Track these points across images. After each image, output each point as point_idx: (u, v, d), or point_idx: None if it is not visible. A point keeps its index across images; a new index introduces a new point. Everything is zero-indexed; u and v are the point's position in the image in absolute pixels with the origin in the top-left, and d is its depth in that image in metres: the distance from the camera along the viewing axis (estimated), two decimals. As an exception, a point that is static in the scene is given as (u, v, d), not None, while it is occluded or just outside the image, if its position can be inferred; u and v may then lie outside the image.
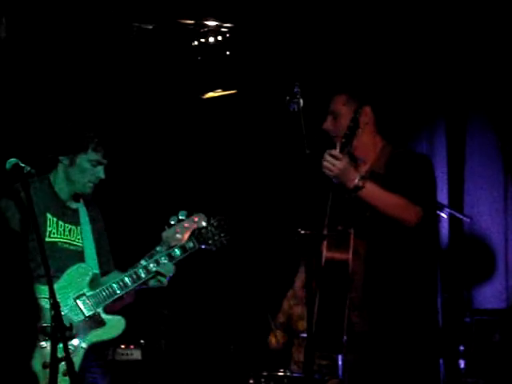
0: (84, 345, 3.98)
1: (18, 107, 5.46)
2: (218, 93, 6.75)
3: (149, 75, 6.45)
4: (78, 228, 4.18)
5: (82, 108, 5.76)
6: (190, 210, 4.23)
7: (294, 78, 3.85)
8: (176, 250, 4.17)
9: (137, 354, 5.82)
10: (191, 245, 4.20)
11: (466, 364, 5.27)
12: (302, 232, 3.70)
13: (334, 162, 3.69)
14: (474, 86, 5.94)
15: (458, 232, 5.87)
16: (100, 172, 4.14)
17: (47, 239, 4.02)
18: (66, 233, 4.12)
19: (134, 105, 6.55)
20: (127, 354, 5.80)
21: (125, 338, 5.76)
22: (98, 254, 4.23)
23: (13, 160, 3.69)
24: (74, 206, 4.21)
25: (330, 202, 3.85)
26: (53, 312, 3.40)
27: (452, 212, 5.31)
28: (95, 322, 4.01)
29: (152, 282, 4.17)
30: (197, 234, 4.22)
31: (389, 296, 3.86)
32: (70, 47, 5.89)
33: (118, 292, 4.07)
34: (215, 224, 4.28)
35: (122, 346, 5.82)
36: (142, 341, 5.83)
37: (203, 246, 4.22)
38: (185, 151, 6.77)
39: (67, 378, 3.58)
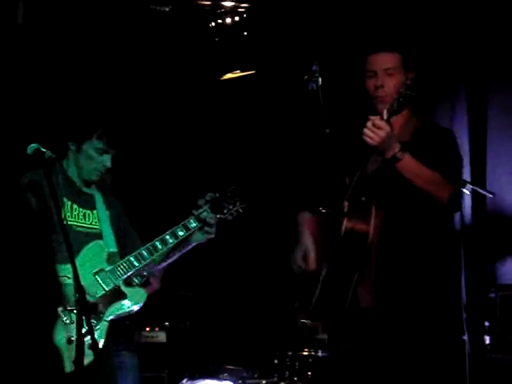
0: (107, 318, 4.02)
1: (30, 93, 5.46)
2: (237, 74, 6.74)
3: (167, 58, 6.44)
4: (94, 212, 4.21)
5: (94, 94, 5.75)
6: (213, 191, 4.25)
7: (312, 57, 3.83)
8: (191, 220, 4.21)
9: (162, 337, 5.84)
10: (205, 214, 4.23)
11: (491, 340, 5.25)
12: (323, 211, 3.68)
13: (376, 132, 3.57)
14: (495, 57, 5.88)
15: (481, 208, 5.84)
16: (106, 161, 4.16)
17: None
18: (81, 217, 4.13)
19: (153, 88, 6.55)
20: (152, 337, 5.83)
21: (150, 320, 5.80)
22: (120, 237, 4.26)
23: (34, 145, 3.69)
24: (88, 191, 4.24)
25: (359, 173, 3.77)
26: (77, 295, 3.42)
27: (475, 188, 5.27)
28: (116, 295, 4.05)
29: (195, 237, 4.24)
30: (211, 204, 4.23)
31: (402, 272, 3.79)
32: (85, 30, 5.89)
33: (136, 264, 4.11)
34: (229, 194, 4.29)
35: (147, 329, 5.84)
36: (166, 323, 5.85)
37: (218, 216, 4.23)
38: (204, 133, 6.76)
39: (91, 351, 3.61)
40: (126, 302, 4.10)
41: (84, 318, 3.39)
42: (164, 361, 5.79)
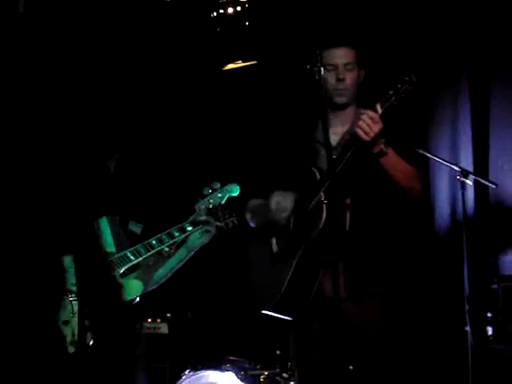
0: None
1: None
2: (238, 64, 6.72)
3: (168, 48, 6.43)
4: None
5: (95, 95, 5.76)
6: (215, 180, 4.27)
7: (314, 47, 3.83)
8: (187, 224, 4.28)
9: (164, 328, 5.84)
10: (202, 218, 4.28)
11: (493, 331, 5.25)
12: (325, 201, 3.68)
13: (372, 126, 3.65)
14: (497, 45, 5.85)
15: (483, 199, 5.82)
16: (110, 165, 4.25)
17: None
18: None
19: (154, 78, 6.53)
20: (154, 328, 5.83)
21: (151, 311, 5.80)
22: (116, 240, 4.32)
23: None
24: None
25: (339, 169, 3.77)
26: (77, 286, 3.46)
27: (477, 179, 5.25)
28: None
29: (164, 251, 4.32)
30: (208, 211, 4.27)
31: (375, 262, 3.88)
32: (85, 21, 5.87)
33: (132, 258, 4.19)
34: (225, 204, 4.33)
35: (149, 320, 5.84)
36: (168, 314, 5.84)
37: (217, 223, 4.28)
38: (206, 124, 6.74)
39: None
40: (123, 293, 4.15)
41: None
42: (166, 352, 5.79)
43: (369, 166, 3.77)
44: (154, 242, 4.25)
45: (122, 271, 4.19)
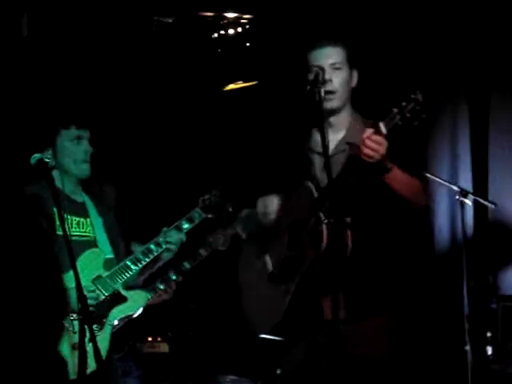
0: (110, 322, 4.07)
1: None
2: (239, 84, 6.74)
3: (169, 68, 6.45)
4: (88, 220, 4.20)
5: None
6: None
7: (302, 51, 3.81)
8: (183, 221, 4.27)
9: (164, 347, 5.82)
10: (197, 215, 4.30)
11: (493, 350, 5.24)
12: (326, 221, 3.61)
13: (377, 149, 3.46)
14: (496, 66, 5.88)
15: (482, 218, 5.83)
16: (84, 146, 4.12)
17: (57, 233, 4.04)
18: (75, 225, 4.13)
19: (155, 98, 6.55)
20: (154, 347, 5.81)
21: (152, 331, 5.79)
22: (113, 244, 4.29)
23: (37, 155, 3.71)
24: (79, 199, 4.23)
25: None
26: (79, 305, 3.43)
27: (476, 199, 5.26)
28: (116, 299, 4.09)
29: (165, 255, 4.28)
30: (201, 205, 4.29)
31: (376, 283, 3.76)
32: (88, 41, 5.90)
33: (133, 267, 4.16)
34: (218, 193, 4.35)
35: (150, 339, 5.83)
36: (169, 333, 5.83)
37: (210, 216, 4.31)
38: (207, 144, 6.76)
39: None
40: (128, 306, 4.12)
41: (87, 327, 3.41)
42: (166, 371, 5.77)
43: (371, 183, 3.62)
44: (152, 246, 4.22)
45: (123, 281, 4.16)
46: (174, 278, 4.69)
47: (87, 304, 3.45)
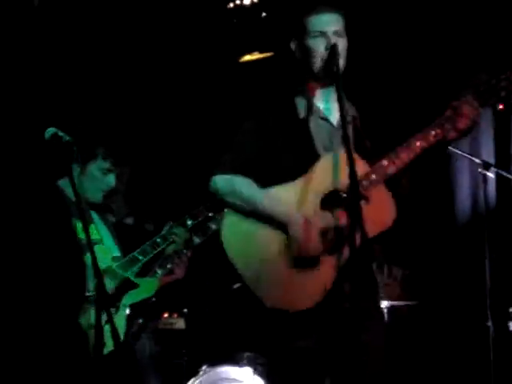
0: (124, 306, 4.17)
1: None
2: (255, 56, 6.68)
3: (185, 40, 6.40)
4: (92, 226, 4.25)
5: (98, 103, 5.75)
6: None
7: (301, 13, 3.64)
8: (187, 218, 4.45)
9: (180, 323, 5.83)
10: (201, 213, 4.35)
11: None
12: (344, 195, 3.51)
13: (476, 121, 3.39)
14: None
15: (505, 191, 5.78)
16: (111, 180, 4.24)
17: None
18: (79, 230, 4.12)
19: (172, 70, 6.52)
20: (171, 324, 5.82)
21: (168, 307, 5.78)
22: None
23: (51, 129, 3.64)
24: (85, 205, 4.28)
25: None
26: (96, 280, 3.39)
27: (499, 171, 5.21)
28: (127, 285, 4.15)
29: (169, 248, 4.45)
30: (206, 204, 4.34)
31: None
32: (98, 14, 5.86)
33: (140, 258, 4.27)
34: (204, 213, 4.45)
35: (166, 316, 5.84)
36: (185, 310, 5.83)
37: (211, 215, 4.38)
38: (223, 115, 6.71)
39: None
40: (139, 292, 4.20)
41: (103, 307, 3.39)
42: (183, 348, 5.77)
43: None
44: (158, 240, 4.36)
45: (135, 270, 4.22)
46: (184, 251, 4.68)
47: (103, 282, 3.42)
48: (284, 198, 3.54)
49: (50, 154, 3.96)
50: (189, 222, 4.42)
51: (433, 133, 3.44)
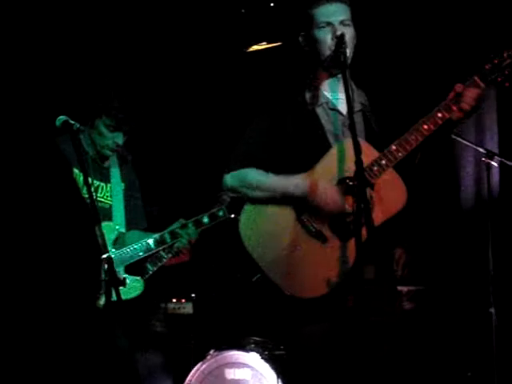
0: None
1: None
2: (263, 46, 6.68)
3: (193, 30, 6.41)
4: (108, 185, 4.26)
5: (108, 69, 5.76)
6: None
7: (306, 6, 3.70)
8: (205, 217, 4.26)
9: (188, 308, 5.84)
10: (221, 213, 4.30)
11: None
12: (350, 183, 3.57)
13: (476, 102, 3.46)
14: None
15: (508, 180, 5.80)
16: (118, 138, 4.26)
17: None
18: (93, 189, 4.15)
19: (180, 61, 6.52)
20: (179, 308, 5.84)
21: (176, 292, 5.82)
22: (129, 211, 4.32)
23: (62, 117, 3.71)
24: (105, 164, 4.29)
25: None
26: (106, 266, 3.45)
27: (502, 160, 5.23)
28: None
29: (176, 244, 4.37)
30: (228, 204, 4.28)
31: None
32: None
33: (141, 254, 4.21)
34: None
35: (174, 300, 5.85)
36: (193, 295, 5.85)
37: (232, 216, 4.30)
38: (230, 105, 6.73)
39: None
40: (123, 291, 4.13)
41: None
42: (191, 332, 5.80)
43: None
44: (166, 235, 4.33)
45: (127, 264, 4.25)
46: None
47: (113, 265, 3.47)
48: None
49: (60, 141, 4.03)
50: (205, 220, 4.38)
51: (439, 115, 3.51)
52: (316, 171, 3.59)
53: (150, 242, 4.31)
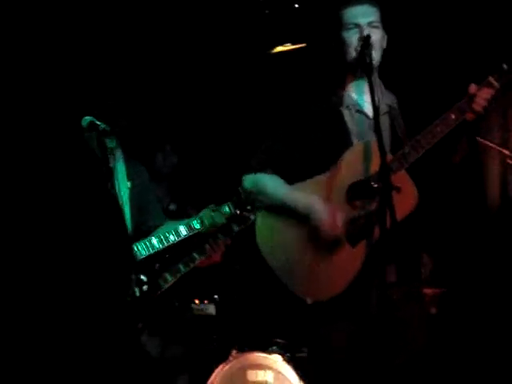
0: None
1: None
2: (287, 47, 6.68)
3: (217, 31, 6.42)
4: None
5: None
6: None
7: (335, 7, 3.69)
8: (226, 206, 4.37)
9: (211, 309, 5.86)
10: (227, 209, 4.33)
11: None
12: (375, 185, 3.55)
13: (488, 104, 3.46)
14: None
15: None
16: (110, 142, 4.19)
17: None
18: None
19: (205, 62, 6.54)
20: (201, 310, 5.85)
21: (199, 293, 5.83)
22: (141, 210, 4.31)
23: (88, 118, 3.73)
24: (111, 163, 4.26)
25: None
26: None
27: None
28: None
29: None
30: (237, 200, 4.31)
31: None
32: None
33: (144, 253, 4.32)
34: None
35: (196, 302, 5.87)
36: (215, 296, 5.87)
37: (238, 212, 4.33)
38: (255, 107, 6.74)
39: None
40: None
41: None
42: (213, 334, 5.81)
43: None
44: (170, 236, 4.34)
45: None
46: (222, 238, 4.70)
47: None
48: (310, 190, 3.62)
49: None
50: (226, 209, 4.40)
51: (452, 116, 3.50)
52: (334, 174, 3.60)
53: (154, 241, 4.33)
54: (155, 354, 4.62)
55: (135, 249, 4.25)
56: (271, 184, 3.69)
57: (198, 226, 4.39)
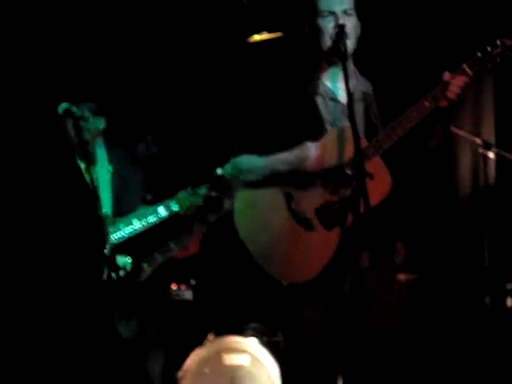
0: None
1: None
2: (264, 36, 6.69)
3: (193, 21, 6.42)
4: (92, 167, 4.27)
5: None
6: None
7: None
8: (202, 188, 4.44)
9: (188, 295, 5.87)
10: (203, 190, 4.37)
11: (513, 302, 5.27)
12: (349, 173, 3.60)
13: (462, 91, 3.51)
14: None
15: (505, 172, 5.82)
16: (98, 123, 4.22)
17: None
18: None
19: (180, 52, 6.53)
20: (178, 295, 5.86)
21: (176, 278, 5.85)
22: (118, 192, 4.34)
23: (64, 104, 3.76)
24: (91, 148, 4.30)
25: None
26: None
27: (499, 152, 5.27)
28: None
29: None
30: (214, 182, 4.35)
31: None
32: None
33: (127, 230, 4.32)
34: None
35: (173, 287, 5.88)
36: (192, 281, 5.88)
37: (214, 194, 4.36)
38: (231, 96, 6.75)
39: None
40: None
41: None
42: (190, 318, 5.83)
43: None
44: (150, 216, 4.41)
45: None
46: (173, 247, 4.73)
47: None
48: None
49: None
50: (203, 191, 4.42)
51: (426, 103, 3.56)
52: None
53: (134, 219, 4.38)
54: (131, 337, 4.64)
55: (117, 226, 4.28)
56: (255, 158, 3.74)
57: (175, 208, 4.41)
